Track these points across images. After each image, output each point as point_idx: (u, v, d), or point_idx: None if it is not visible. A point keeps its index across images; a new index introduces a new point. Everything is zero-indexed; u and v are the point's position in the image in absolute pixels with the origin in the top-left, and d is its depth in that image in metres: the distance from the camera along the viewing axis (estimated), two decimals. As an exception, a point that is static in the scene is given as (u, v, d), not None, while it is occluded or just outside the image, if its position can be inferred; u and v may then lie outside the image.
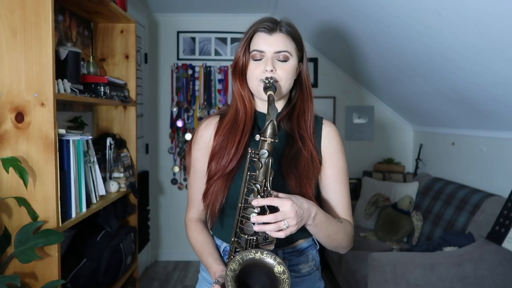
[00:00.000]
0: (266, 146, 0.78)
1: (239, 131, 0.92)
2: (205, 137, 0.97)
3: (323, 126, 0.97)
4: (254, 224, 0.77)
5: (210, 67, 3.16)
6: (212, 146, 0.95)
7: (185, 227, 1.02)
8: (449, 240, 1.96)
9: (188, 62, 3.17)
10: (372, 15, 1.95)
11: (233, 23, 3.09)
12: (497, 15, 1.28)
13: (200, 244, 0.96)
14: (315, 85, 3.20)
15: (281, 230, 0.76)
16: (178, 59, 3.18)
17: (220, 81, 3.17)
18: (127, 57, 2.09)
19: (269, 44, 0.88)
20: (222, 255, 0.96)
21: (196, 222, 1.00)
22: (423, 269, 1.73)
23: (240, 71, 0.92)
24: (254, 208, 0.77)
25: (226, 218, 0.94)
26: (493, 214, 1.87)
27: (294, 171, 0.90)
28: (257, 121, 0.96)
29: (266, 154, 0.78)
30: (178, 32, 3.16)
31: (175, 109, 3.17)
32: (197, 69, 3.16)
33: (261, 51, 0.89)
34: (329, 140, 0.96)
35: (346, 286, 2.30)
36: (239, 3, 2.82)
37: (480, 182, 2.22)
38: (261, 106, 0.95)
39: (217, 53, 3.17)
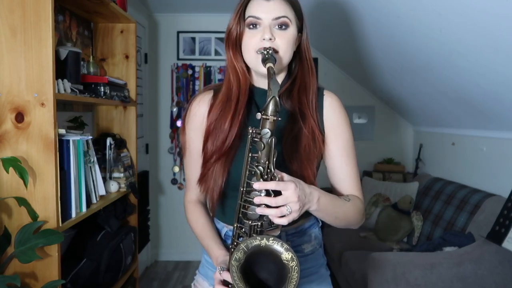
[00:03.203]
0: (268, 124, 0.71)
1: (232, 108, 0.85)
2: (198, 115, 0.91)
3: (325, 97, 0.90)
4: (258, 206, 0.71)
5: (210, 67, 3.16)
6: (206, 124, 0.89)
7: (184, 209, 0.98)
8: (449, 240, 1.96)
9: (188, 62, 3.17)
10: (372, 15, 1.95)
11: (233, 23, 3.09)
12: (497, 14, 1.28)
13: (200, 227, 0.92)
14: (315, 85, 3.19)
15: (284, 216, 0.71)
16: (178, 59, 3.18)
17: (220, 81, 3.17)
18: (127, 57, 2.09)
19: (267, 10, 0.81)
20: (224, 239, 0.92)
21: (195, 204, 0.96)
22: (423, 269, 1.73)
23: (233, 42, 0.85)
24: (258, 192, 0.72)
25: (227, 200, 0.89)
26: (493, 214, 1.87)
27: (295, 152, 0.85)
28: (254, 97, 0.89)
29: (269, 134, 0.71)
30: (178, 32, 3.16)
31: (175, 109, 3.17)
32: (197, 69, 3.16)
33: (257, 17, 0.81)
34: (332, 113, 0.90)
35: (346, 286, 2.30)
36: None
37: (480, 182, 2.22)
38: (258, 80, 0.89)
39: (217, 53, 3.17)
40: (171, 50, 3.17)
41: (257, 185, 0.70)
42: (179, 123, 3.17)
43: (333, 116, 0.90)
